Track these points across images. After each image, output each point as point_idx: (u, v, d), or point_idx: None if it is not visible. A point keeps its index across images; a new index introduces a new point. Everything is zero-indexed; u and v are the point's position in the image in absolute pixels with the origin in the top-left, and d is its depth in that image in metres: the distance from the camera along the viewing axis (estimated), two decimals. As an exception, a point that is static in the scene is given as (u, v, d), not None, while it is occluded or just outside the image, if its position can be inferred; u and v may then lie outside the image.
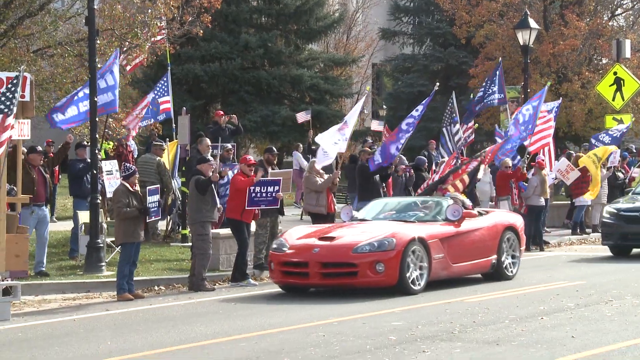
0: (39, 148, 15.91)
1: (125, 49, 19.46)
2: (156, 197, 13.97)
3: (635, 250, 18.39)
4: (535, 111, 20.08)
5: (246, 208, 14.81)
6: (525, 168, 20.13)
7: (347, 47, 45.19)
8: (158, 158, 18.12)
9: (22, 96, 12.07)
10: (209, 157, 15.66)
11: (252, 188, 14.83)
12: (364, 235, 13.29)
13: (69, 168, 18.08)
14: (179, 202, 18.47)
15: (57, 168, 22.31)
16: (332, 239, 13.38)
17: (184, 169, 18.22)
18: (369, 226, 13.86)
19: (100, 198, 16.11)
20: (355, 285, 13.10)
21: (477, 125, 21.64)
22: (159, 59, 23.63)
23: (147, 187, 14.39)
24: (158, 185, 15.43)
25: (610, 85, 25.71)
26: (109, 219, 16.84)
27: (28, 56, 18.79)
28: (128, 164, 15.61)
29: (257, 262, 15.67)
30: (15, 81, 11.76)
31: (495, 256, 14.53)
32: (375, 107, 49.59)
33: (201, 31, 21.80)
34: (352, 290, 13.31)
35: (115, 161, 17.84)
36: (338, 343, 9.68)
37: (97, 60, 15.83)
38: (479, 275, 14.93)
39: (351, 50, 44.54)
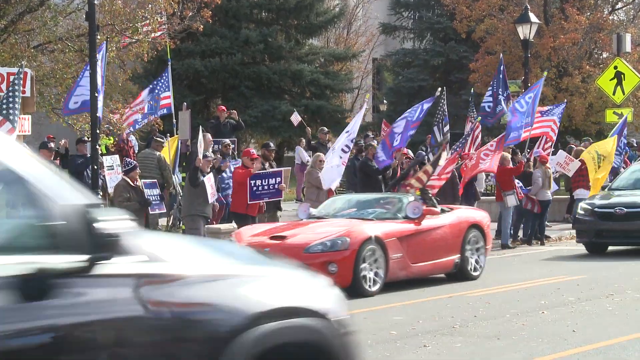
0: (51, 145, 15.87)
1: (126, 44, 19.44)
2: (156, 191, 14.01)
3: (611, 248, 17.81)
4: (533, 100, 20.09)
5: (249, 202, 14.85)
6: (528, 162, 20.14)
7: (347, 41, 45.15)
8: (158, 153, 18.13)
9: (23, 92, 12.13)
10: (208, 153, 15.68)
11: (252, 182, 14.86)
12: (317, 235, 12.63)
13: (69, 163, 18.10)
14: (180, 197, 18.48)
15: (57, 164, 22.33)
16: (283, 238, 12.64)
17: (184, 164, 18.24)
18: (324, 224, 13.15)
19: (101, 193, 16.12)
20: None
21: (479, 118, 21.54)
22: (159, 54, 23.62)
23: (142, 180, 14.39)
24: (155, 180, 15.47)
25: (610, 80, 25.69)
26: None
27: (28, 52, 18.78)
28: (129, 159, 15.63)
29: None
30: (16, 79, 11.81)
31: (458, 255, 13.85)
32: (375, 101, 49.59)
33: (201, 26, 21.79)
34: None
35: (117, 156, 17.85)
36: (339, 338, 9.68)
37: (97, 55, 15.82)
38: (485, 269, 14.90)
39: (351, 45, 44.50)
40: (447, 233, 13.81)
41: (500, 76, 21.90)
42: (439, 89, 19.80)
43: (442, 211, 14.24)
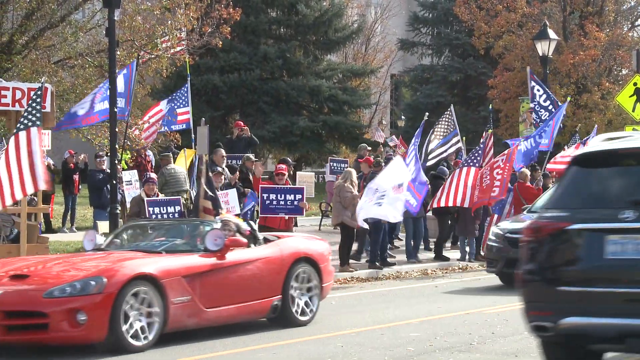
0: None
1: (145, 59, 19.58)
2: (176, 208, 13.90)
3: None
4: (554, 124, 19.96)
5: (260, 214, 14.85)
6: (546, 177, 20.10)
7: (365, 57, 45.26)
8: (171, 166, 18.16)
9: (43, 107, 12.23)
10: (219, 168, 15.72)
11: (265, 195, 14.78)
12: (70, 273, 9.99)
13: (89, 178, 18.22)
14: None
15: (77, 178, 22.48)
16: (24, 277, 9.95)
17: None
18: (93, 259, 10.58)
19: (119, 208, 16.21)
20: (47, 341, 9.66)
21: (491, 129, 21.41)
22: (178, 70, 23.75)
23: (147, 199, 14.24)
24: (179, 197, 15.50)
25: (630, 96, 25.54)
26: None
27: (49, 67, 18.94)
28: (148, 173, 15.73)
29: None
30: (39, 92, 11.94)
31: (278, 296, 11.27)
32: (393, 117, 49.60)
33: (220, 42, 21.91)
34: (369, 300, 13.25)
35: (135, 171, 17.95)
36: (356, 354, 9.67)
37: (117, 71, 15.95)
38: (496, 282, 14.83)
39: (369, 60, 44.59)
40: (263, 269, 11.20)
41: (532, 84, 21.46)
42: (426, 114, 19.55)
43: (265, 240, 11.67)
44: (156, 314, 9.98)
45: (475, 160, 18.63)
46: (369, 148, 23.68)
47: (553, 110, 21.44)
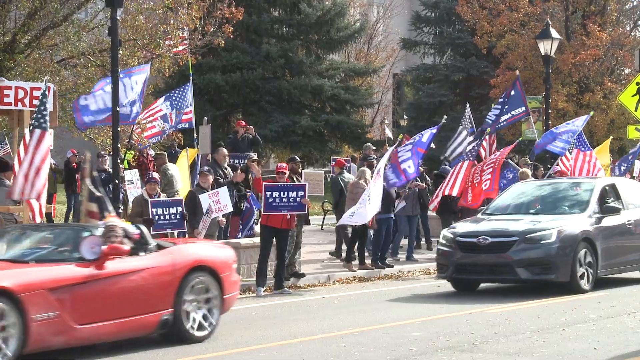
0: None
1: (148, 60, 19.58)
2: (178, 209, 13.85)
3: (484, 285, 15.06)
4: (578, 136, 20.00)
5: (263, 212, 14.84)
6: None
7: (367, 57, 45.26)
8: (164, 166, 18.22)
9: (47, 107, 12.27)
10: (205, 168, 15.76)
11: (269, 193, 14.73)
12: None
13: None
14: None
15: (78, 177, 22.50)
16: None
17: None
18: None
19: (122, 207, 16.21)
20: None
21: (488, 129, 21.44)
22: (180, 69, 23.76)
23: (150, 200, 14.21)
24: (182, 198, 15.47)
25: (632, 96, 25.53)
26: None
27: (52, 66, 18.95)
28: (150, 172, 15.71)
29: (292, 271, 15.79)
30: (45, 92, 12.00)
31: (170, 310, 10.23)
32: (395, 117, 49.59)
33: (223, 41, 21.89)
34: (371, 300, 13.27)
35: (136, 170, 17.95)
36: (358, 353, 9.68)
37: (119, 70, 15.94)
38: (506, 285, 14.83)
39: (372, 60, 44.60)
40: (150, 280, 10.09)
41: (512, 93, 21.43)
42: (445, 116, 19.68)
43: (159, 247, 10.59)
44: (10, 334, 8.90)
45: (471, 155, 18.83)
46: (374, 147, 23.62)
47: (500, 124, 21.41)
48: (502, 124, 21.39)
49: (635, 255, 15.38)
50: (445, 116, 20.03)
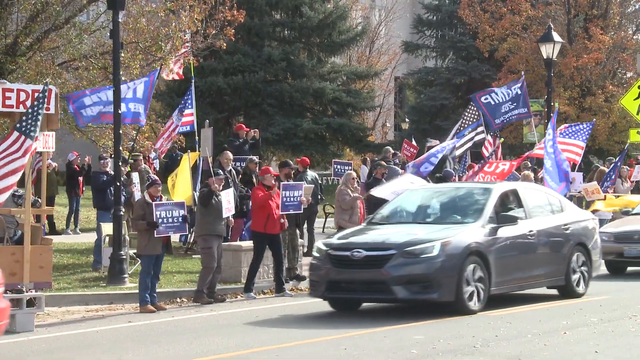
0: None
1: (149, 62, 19.61)
2: (181, 212, 13.84)
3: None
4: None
5: (280, 212, 14.95)
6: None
7: (369, 60, 45.28)
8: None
9: (47, 109, 12.20)
10: (219, 171, 15.71)
11: (284, 192, 14.98)
12: None
13: (93, 180, 18.21)
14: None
15: (81, 180, 22.51)
16: None
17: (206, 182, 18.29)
18: None
19: (124, 209, 16.21)
20: None
21: (502, 139, 21.48)
22: (182, 72, 23.78)
23: (154, 203, 14.24)
24: (184, 200, 15.46)
25: (634, 99, 25.53)
26: (131, 231, 16.95)
27: (53, 69, 18.96)
28: (151, 175, 15.72)
29: (294, 274, 15.79)
30: (40, 96, 11.89)
31: None
32: (397, 120, 49.59)
33: (224, 44, 21.91)
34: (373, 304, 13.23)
35: (137, 174, 17.96)
36: (359, 356, 9.67)
37: (121, 73, 15.96)
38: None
39: (374, 63, 44.61)
40: None
41: (519, 92, 21.40)
42: (501, 139, 20.02)
43: None
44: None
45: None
46: (393, 151, 23.51)
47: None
48: (505, 118, 21.27)
49: (540, 270, 13.44)
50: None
